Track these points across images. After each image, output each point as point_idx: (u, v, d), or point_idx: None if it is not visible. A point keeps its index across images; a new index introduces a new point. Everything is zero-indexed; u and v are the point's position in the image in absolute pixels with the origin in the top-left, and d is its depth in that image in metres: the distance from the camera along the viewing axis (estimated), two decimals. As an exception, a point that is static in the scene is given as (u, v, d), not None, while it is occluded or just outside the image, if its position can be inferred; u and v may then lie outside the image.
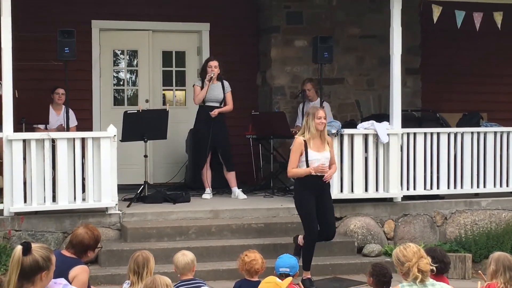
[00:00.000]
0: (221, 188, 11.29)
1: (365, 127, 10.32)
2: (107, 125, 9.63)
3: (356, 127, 10.47)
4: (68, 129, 10.06)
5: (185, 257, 6.23)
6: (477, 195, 10.99)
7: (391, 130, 10.28)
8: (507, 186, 10.98)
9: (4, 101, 9.12)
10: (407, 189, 10.52)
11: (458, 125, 11.56)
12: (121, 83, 12.97)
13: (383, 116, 11.07)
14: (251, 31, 12.89)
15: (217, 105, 10.87)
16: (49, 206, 9.21)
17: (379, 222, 10.28)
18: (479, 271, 7.31)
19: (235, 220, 9.73)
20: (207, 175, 10.90)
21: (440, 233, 10.57)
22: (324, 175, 8.38)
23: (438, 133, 10.69)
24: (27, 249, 3.95)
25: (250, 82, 12.83)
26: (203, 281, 6.39)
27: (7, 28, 8.98)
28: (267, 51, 12.71)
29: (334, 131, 9.97)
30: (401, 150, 10.41)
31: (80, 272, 5.78)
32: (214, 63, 10.81)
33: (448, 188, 10.72)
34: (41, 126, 10.57)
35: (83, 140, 9.35)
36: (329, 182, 8.63)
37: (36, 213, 9.25)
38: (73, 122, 10.66)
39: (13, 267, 3.95)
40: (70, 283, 5.54)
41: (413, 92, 13.14)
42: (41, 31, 11.40)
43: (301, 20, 12.60)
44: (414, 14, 12.64)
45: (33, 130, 10.33)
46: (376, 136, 10.22)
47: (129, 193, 10.58)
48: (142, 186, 10.47)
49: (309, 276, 8.51)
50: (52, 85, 10.95)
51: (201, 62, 12.70)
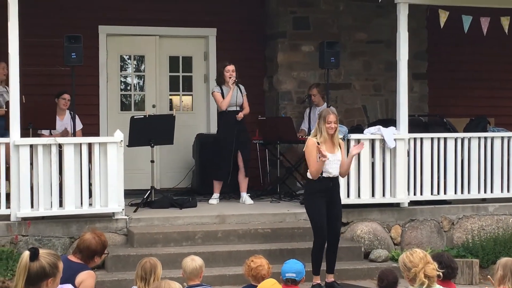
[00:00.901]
0: (227, 193, 11.29)
1: (372, 132, 10.31)
2: (114, 130, 9.64)
3: (362, 132, 10.46)
4: (75, 133, 10.07)
5: (193, 262, 6.23)
6: (484, 200, 10.96)
7: (398, 135, 10.26)
8: (514, 191, 10.96)
9: (11, 106, 9.14)
10: (414, 194, 10.49)
11: (465, 130, 11.54)
12: (128, 88, 12.99)
13: (390, 121, 11.06)
14: (258, 37, 12.90)
15: (238, 109, 10.87)
16: (56, 211, 9.22)
17: (386, 228, 10.26)
18: (488, 276, 7.29)
19: (241, 225, 9.72)
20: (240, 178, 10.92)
21: (447, 239, 10.54)
22: (333, 178, 8.41)
23: (445, 138, 10.67)
24: (34, 255, 3.94)
25: (256, 87, 12.81)
26: (210, 286, 6.39)
27: (14, 33, 9.01)
28: (273, 56, 12.71)
29: (340, 136, 9.90)
30: (408, 155, 10.39)
31: (86, 277, 5.78)
32: (232, 67, 10.82)
33: (455, 193, 10.69)
34: (45, 132, 10.58)
35: (90, 145, 9.36)
36: (339, 184, 8.65)
37: (43, 218, 9.26)
38: (78, 125, 10.67)
39: (20, 272, 3.94)
40: (77, 288, 5.56)
41: (420, 97, 13.12)
42: (48, 36, 11.44)
43: (307, 25, 12.61)
44: (421, 19, 12.63)
45: (39, 135, 10.34)
46: (383, 141, 10.21)
47: (136, 198, 10.58)
48: (149, 191, 10.47)
49: (319, 282, 8.50)
50: (59, 90, 10.94)
51: (208, 67, 12.74)
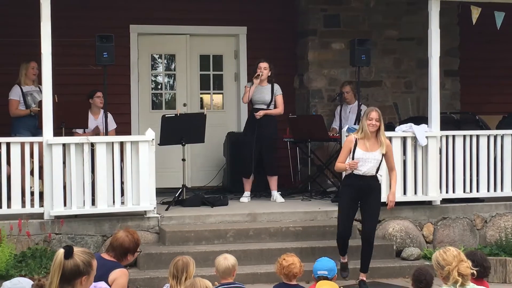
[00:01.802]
0: (258, 192, 11.29)
1: (403, 130, 10.26)
2: (145, 129, 9.69)
3: (394, 130, 10.42)
4: (107, 133, 10.14)
5: (226, 261, 6.24)
6: (517, 198, 10.87)
7: (429, 132, 10.21)
8: (548, 188, 10.84)
9: (43, 106, 9.23)
10: (446, 192, 10.43)
11: (498, 127, 11.44)
12: (159, 87, 13.04)
13: (421, 118, 10.99)
14: (288, 35, 12.89)
15: (264, 107, 10.87)
16: (88, 209, 9.28)
17: (418, 226, 10.21)
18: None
19: (273, 224, 9.72)
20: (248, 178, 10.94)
21: (480, 237, 10.47)
22: (367, 177, 8.38)
23: (478, 136, 10.59)
24: (69, 253, 3.97)
25: (287, 86, 12.80)
26: (242, 284, 6.40)
27: (47, 34, 9.09)
28: (304, 54, 12.70)
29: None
30: (440, 153, 10.33)
31: (119, 275, 5.81)
32: (264, 64, 10.85)
33: (488, 191, 10.61)
34: (79, 131, 10.66)
35: (121, 144, 9.42)
36: (378, 185, 8.58)
37: (76, 216, 9.33)
38: (112, 125, 10.74)
39: (55, 270, 3.97)
40: (110, 286, 5.59)
41: (452, 94, 13.03)
42: (80, 36, 11.51)
43: (338, 23, 12.57)
44: (453, 15, 12.54)
45: (71, 134, 10.42)
46: (415, 139, 10.16)
47: (168, 196, 10.62)
48: (180, 190, 10.51)
49: (344, 260, 8.62)
50: (91, 90, 11.01)
51: (238, 66, 12.76)
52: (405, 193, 10.20)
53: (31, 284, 4.72)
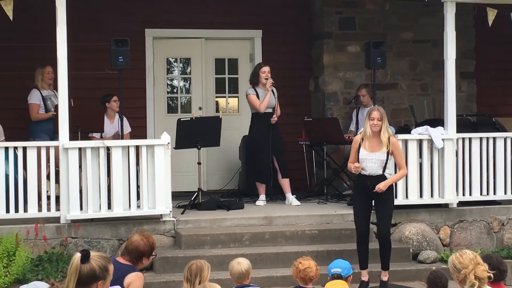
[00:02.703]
0: (274, 195, 11.29)
1: (419, 132, 10.23)
2: (161, 132, 9.71)
3: (410, 133, 10.39)
4: (122, 136, 10.16)
5: (240, 266, 6.24)
6: (534, 200, 10.80)
7: (446, 135, 10.17)
8: None
9: (59, 110, 9.26)
10: (463, 194, 10.39)
11: (514, 130, 11.39)
12: (175, 90, 13.07)
13: (437, 121, 10.95)
14: (303, 37, 12.88)
15: (271, 111, 10.89)
16: (104, 213, 9.31)
17: (434, 229, 10.17)
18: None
19: (288, 227, 9.71)
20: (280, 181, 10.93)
21: (497, 240, 10.41)
22: (374, 177, 8.37)
23: (494, 138, 10.55)
24: (85, 257, 3.97)
25: (302, 88, 12.81)
26: (257, 286, 6.39)
27: (62, 38, 9.13)
28: (319, 57, 12.68)
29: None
30: (456, 155, 10.29)
31: (135, 279, 5.82)
32: (267, 68, 10.85)
33: (505, 193, 10.55)
34: (97, 135, 10.70)
35: (137, 148, 9.44)
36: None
37: (92, 220, 9.36)
38: (127, 129, 10.77)
39: (71, 274, 3.98)
40: (125, 290, 5.61)
41: (468, 96, 12.98)
42: (95, 40, 11.55)
43: (353, 26, 12.56)
44: (468, 18, 12.50)
45: (88, 138, 10.45)
46: (431, 142, 10.12)
47: (183, 200, 10.63)
48: (196, 193, 10.52)
49: (364, 279, 8.54)
50: (106, 93, 11.04)
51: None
52: (421, 196, 10.17)
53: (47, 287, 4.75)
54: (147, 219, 9.52)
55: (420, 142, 10.16)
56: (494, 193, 10.52)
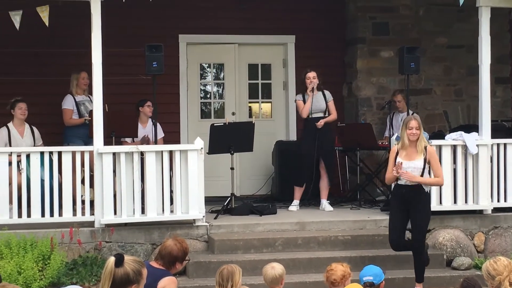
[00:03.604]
0: (307, 200, 11.27)
1: (453, 138, 10.16)
2: (194, 138, 9.75)
3: (444, 138, 10.33)
4: (156, 142, 10.22)
5: (273, 270, 6.23)
6: None
7: (480, 141, 10.09)
8: None
9: (94, 115, 9.34)
10: (498, 201, 10.29)
11: (550, 135, 11.26)
12: (208, 96, 13.11)
13: (472, 126, 10.88)
14: (337, 43, 12.86)
15: (321, 115, 10.87)
16: (138, 218, 9.36)
17: (468, 235, 10.09)
18: None
19: (321, 232, 9.69)
20: (321, 185, 10.91)
21: (533, 246, 10.30)
22: (411, 186, 8.31)
23: (530, 144, 10.44)
24: (119, 261, 3.99)
25: (336, 94, 12.73)
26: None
27: (97, 44, 9.22)
28: (353, 62, 12.66)
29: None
30: (491, 161, 10.20)
31: (168, 283, 5.85)
32: (313, 74, 10.83)
33: (541, 200, 10.44)
34: (128, 140, 10.77)
35: (170, 153, 9.48)
36: (420, 194, 8.45)
37: (126, 224, 9.42)
38: (160, 134, 10.83)
39: (106, 278, 4.00)
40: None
41: (503, 102, 12.87)
42: (130, 46, 11.64)
43: (387, 31, 12.52)
44: (504, 22, 12.40)
45: (121, 143, 10.52)
46: (465, 147, 10.05)
47: (216, 205, 10.66)
48: (229, 198, 10.54)
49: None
50: (140, 99, 11.11)
51: (287, 75, 12.76)
52: (455, 201, 10.10)
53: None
54: (180, 223, 9.55)
55: (454, 147, 10.09)
56: (530, 200, 10.41)
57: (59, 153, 9.36)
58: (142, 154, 9.37)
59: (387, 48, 12.46)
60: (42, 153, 9.36)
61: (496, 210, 10.28)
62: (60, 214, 9.30)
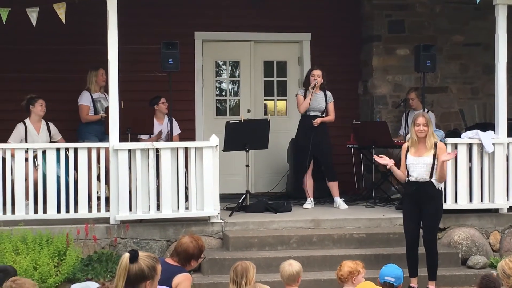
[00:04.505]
0: (322, 198, 11.27)
1: (469, 136, 10.13)
2: (210, 135, 9.76)
3: (460, 137, 10.30)
4: (172, 138, 10.24)
5: (291, 267, 6.24)
6: None
7: (496, 139, 10.05)
8: None
9: (110, 112, 9.37)
10: (514, 199, 10.26)
11: None
12: (223, 93, 13.12)
13: (488, 125, 10.84)
14: (353, 41, 12.84)
15: (319, 114, 10.87)
16: (153, 214, 9.39)
17: (484, 234, 10.05)
18: None
19: (336, 230, 9.68)
20: (307, 184, 10.90)
21: (549, 246, 10.25)
22: (422, 183, 8.34)
23: (547, 142, 10.39)
24: (134, 257, 4.01)
25: (351, 92, 12.77)
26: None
27: (114, 41, 9.24)
28: (368, 60, 12.63)
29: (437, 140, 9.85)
30: (507, 160, 10.16)
31: (183, 280, 5.86)
32: (318, 72, 10.83)
33: (558, 198, 10.39)
34: (144, 136, 10.80)
35: (186, 150, 9.50)
36: (436, 191, 8.46)
37: (141, 221, 9.44)
38: (176, 130, 10.85)
39: (120, 274, 4.02)
40: (174, 291, 5.65)
41: (519, 100, 12.81)
42: (146, 43, 11.67)
43: (403, 29, 12.48)
44: (521, 20, 12.33)
45: (137, 140, 10.55)
46: (481, 146, 10.02)
47: (231, 202, 10.67)
48: (244, 196, 10.56)
49: (413, 285, 8.43)
50: (156, 96, 11.14)
51: (302, 72, 12.74)
52: (471, 200, 10.07)
53: (97, 287, 4.81)
54: (195, 220, 9.57)
55: (470, 146, 10.05)
56: (546, 198, 10.37)
57: (75, 150, 9.40)
58: (157, 151, 9.39)
59: (403, 46, 12.42)
60: (58, 150, 9.40)
61: (512, 209, 10.25)
62: (76, 211, 9.34)
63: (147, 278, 4.05)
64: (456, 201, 10.02)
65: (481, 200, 10.10)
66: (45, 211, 9.27)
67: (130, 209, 9.33)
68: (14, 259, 8.43)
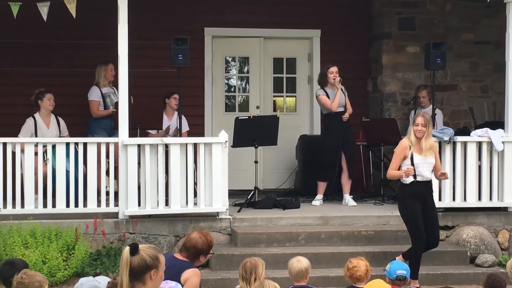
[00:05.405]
0: (330, 195, 11.26)
1: (478, 134, 10.12)
2: (219, 131, 9.77)
3: (469, 135, 10.28)
4: (181, 134, 10.25)
5: (299, 263, 6.25)
6: None
7: (506, 137, 10.03)
8: None
9: (120, 107, 9.39)
10: (523, 198, 10.23)
11: None
12: (233, 89, 13.13)
13: (497, 123, 10.82)
14: (362, 38, 12.82)
15: (343, 109, 10.85)
16: (162, 210, 9.41)
17: (492, 232, 10.04)
18: None
19: (344, 227, 9.69)
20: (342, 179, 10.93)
21: (557, 245, 10.23)
22: (427, 182, 8.38)
23: (556, 141, 10.36)
24: (134, 249, 4.01)
25: (361, 89, 12.75)
26: (315, 288, 6.40)
27: (123, 36, 9.26)
28: (378, 57, 12.62)
29: (446, 138, 9.84)
30: (516, 159, 10.14)
31: (192, 275, 5.87)
32: (335, 68, 10.79)
33: None
34: (153, 132, 10.81)
35: (195, 146, 9.51)
36: (432, 190, 8.51)
37: (150, 216, 9.46)
38: (185, 127, 10.86)
39: (123, 268, 4.02)
40: (182, 285, 5.65)
41: (529, 99, 12.76)
42: (155, 39, 11.68)
43: (413, 26, 12.46)
44: (531, 18, 12.29)
45: (146, 135, 10.57)
46: (490, 144, 10.00)
47: (240, 198, 10.68)
48: (253, 192, 10.56)
49: (418, 286, 8.42)
50: (166, 91, 11.16)
51: (312, 69, 12.74)
52: (480, 198, 10.05)
53: (108, 281, 4.82)
54: (204, 216, 9.59)
55: (479, 144, 10.04)
56: (555, 197, 10.33)
57: (84, 144, 9.42)
58: (166, 146, 9.41)
59: (413, 43, 12.40)
60: (67, 144, 9.43)
61: (521, 207, 10.23)
62: (85, 205, 9.37)
63: (151, 268, 4.04)
64: (465, 199, 10.01)
65: (490, 199, 10.08)
66: (54, 205, 9.31)
67: (139, 204, 9.35)
68: (23, 253, 8.47)
